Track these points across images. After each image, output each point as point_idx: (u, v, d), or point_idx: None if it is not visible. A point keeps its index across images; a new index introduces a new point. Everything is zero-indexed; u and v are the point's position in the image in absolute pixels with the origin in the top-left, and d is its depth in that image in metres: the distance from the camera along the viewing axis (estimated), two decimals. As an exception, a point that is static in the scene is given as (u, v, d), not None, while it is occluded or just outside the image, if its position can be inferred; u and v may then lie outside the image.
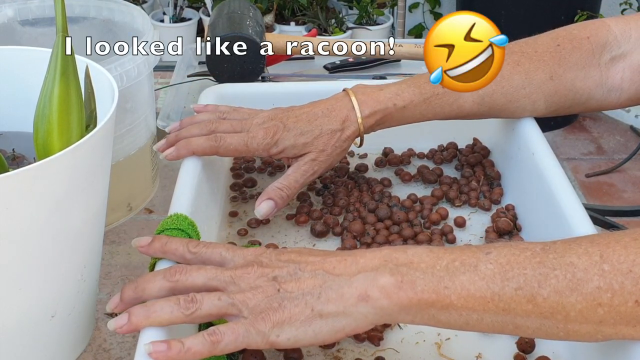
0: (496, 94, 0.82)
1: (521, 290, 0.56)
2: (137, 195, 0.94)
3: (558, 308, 0.56)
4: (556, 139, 2.60)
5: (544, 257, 0.57)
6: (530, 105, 0.84)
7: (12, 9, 0.96)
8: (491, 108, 0.83)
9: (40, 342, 0.66)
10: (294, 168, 0.82)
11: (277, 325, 0.57)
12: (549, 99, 0.84)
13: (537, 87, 0.82)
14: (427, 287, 0.57)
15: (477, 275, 0.57)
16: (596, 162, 2.51)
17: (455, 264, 0.58)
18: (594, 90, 0.84)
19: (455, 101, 0.82)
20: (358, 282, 0.58)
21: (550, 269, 0.56)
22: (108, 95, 0.68)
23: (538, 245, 0.58)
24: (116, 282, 0.82)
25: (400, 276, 0.57)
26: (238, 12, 1.11)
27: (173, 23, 2.94)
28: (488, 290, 0.57)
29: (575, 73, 0.83)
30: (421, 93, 0.82)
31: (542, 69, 0.82)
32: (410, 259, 0.58)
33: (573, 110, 0.86)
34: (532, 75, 0.82)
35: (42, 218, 0.59)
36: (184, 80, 1.20)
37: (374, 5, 3.00)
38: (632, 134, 2.65)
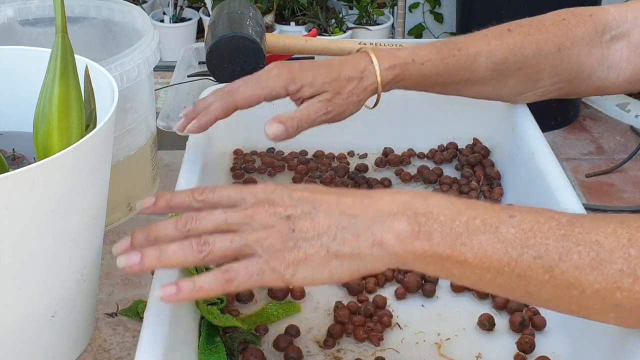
0: (508, 61, 0.82)
1: (540, 259, 0.55)
2: (137, 195, 0.93)
3: (575, 284, 0.55)
4: (556, 139, 2.60)
5: (569, 230, 0.56)
6: (535, 75, 0.85)
7: (12, 9, 0.96)
8: (501, 75, 0.84)
9: (40, 342, 0.66)
10: (308, 104, 0.79)
11: (292, 265, 0.56)
12: (553, 70, 0.85)
13: (545, 57, 0.83)
14: (443, 240, 0.56)
15: (496, 237, 0.56)
16: (596, 162, 2.50)
17: (476, 222, 0.56)
18: (596, 67, 0.85)
19: (470, 64, 0.82)
20: (374, 226, 0.56)
21: (574, 244, 0.55)
22: (108, 95, 0.68)
23: (565, 216, 0.57)
24: (116, 282, 0.82)
25: (417, 226, 0.56)
26: (238, 12, 1.11)
27: (173, 23, 2.94)
28: (506, 254, 0.56)
29: (580, 48, 0.84)
30: (438, 52, 0.82)
31: (552, 40, 0.84)
32: (430, 209, 0.57)
33: (574, 87, 0.87)
34: (541, 46, 0.83)
35: (42, 218, 0.59)
36: (184, 80, 1.20)
37: (374, 5, 3.00)
38: (632, 134, 2.65)
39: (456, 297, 0.76)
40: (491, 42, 0.82)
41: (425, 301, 0.75)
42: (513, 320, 0.71)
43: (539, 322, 0.71)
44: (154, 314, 0.61)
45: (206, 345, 0.68)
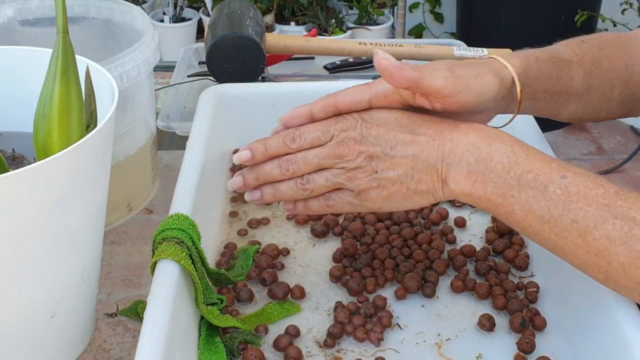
0: (592, 73, 0.80)
1: (577, 223, 0.59)
2: (137, 195, 0.94)
3: (604, 253, 0.59)
4: (556, 139, 2.60)
5: (612, 201, 0.59)
6: (610, 92, 0.82)
7: (12, 9, 0.96)
8: (588, 88, 0.80)
9: (40, 342, 0.66)
10: None
11: (379, 200, 0.67)
12: (623, 89, 0.82)
13: (617, 73, 0.82)
14: (496, 190, 0.63)
15: (542, 195, 0.61)
16: (596, 162, 2.51)
17: (529, 176, 0.62)
18: None
19: (568, 70, 0.77)
20: (442, 167, 0.65)
21: (611, 215, 0.59)
22: (108, 95, 0.68)
23: (613, 187, 0.60)
24: (116, 282, 0.82)
25: (475, 175, 0.64)
26: (238, 12, 1.12)
27: (173, 23, 2.94)
28: (547, 213, 0.61)
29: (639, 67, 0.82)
30: (543, 51, 0.77)
31: (619, 56, 0.82)
32: (491, 156, 0.64)
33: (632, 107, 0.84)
34: (613, 62, 0.82)
35: (42, 218, 0.59)
36: (184, 80, 1.20)
37: (374, 5, 3.00)
38: (632, 134, 2.65)
39: (456, 297, 0.76)
40: (575, 51, 0.79)
41: (425, 301, 0.75)
42: (513, 320, 0.71)
43: (539, 323, 0.71)
44: (154, 314, 0.61)
45: (206, 345, 0.68)
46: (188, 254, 0.68)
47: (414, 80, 0.66)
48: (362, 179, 0.67)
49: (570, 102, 0.79)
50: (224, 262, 0.79)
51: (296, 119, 0.72)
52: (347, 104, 0.70)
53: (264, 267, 0.78)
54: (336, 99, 0.71)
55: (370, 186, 0.67)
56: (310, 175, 0.69)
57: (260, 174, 0.70)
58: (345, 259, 0.79)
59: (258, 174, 0.70)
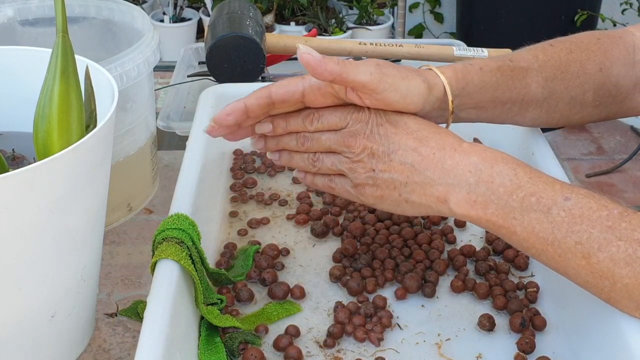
0: (556, 79, 0.79)
1: (580, 245, 0.59)
2: (137, 195, 0.94)
3: (607, 274, 0.59)
4: (556, 139, 2.60)
5: (616, 223, 0.59)
6: (581, 96, 0.81)
7: (12, 9, 0.96)
8: (551, 94, 0.80)
9: (40, 342, 0.66)
10: None
11: (372, 198, 0.69)
12: (597, 92, 0.82)
13: (589, 77, 0.81)
14: (497, 211, 0.63)
15: (546, 218, 0.61)
16: (596, 162, 2.50)
17: (532, 199, 0.62)
18: (631, 90, 0.83)
19: (524, 77, 0.77)
20: (439, 187, 0.65)
21: (615, 237, 0.59)
22: (108, 95, 0.68)
23: (617, 208, 0.60)
24: (116, 282, 0.82)
25: (475, 196, 0.63)
26: (238, 12, 1.12)
27: (173, 23, 2.94)
28: (551, 235, 0.61)
29: (619, 69, 0.82)
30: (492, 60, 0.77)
31: (593, 59, 0.82)
32: (493, 178, 0.63)
33: (610, 110, 0.84)
34: (585, 65, 0.81)
35: (42, 218, 0.59)
36: (184, 80, 1.20)
37: (374, 5, 3.00)
38: (632, 134, 2.64)
39: (456, 297, 0.76)
40: (538, 56, 0.79)
41: (425, 301, 0.75)
42: (513, 320, 0.71)
43: (539, 323, 0.71)
44: (154, 314, 0.61)
45: (206, 345, 0.68)
46: (188, 254, 0.68)
47: (337, 73, 0.66)
48: (360, 174, 0.68)
49: (529, 109, 0.79)
50: (224, 262, 0.79)
51: (232, 115, 0.71)
52: (281, 96, 0.70)
53: (264, 267, 0.78)
54: (270, 91, 0.70)
55: (366, 182, 0.68)
56: (321, 154, 0.71)
57: (280, 142, 0.74)
58: (345, 259, 0.79)
59: (278, 142, 0.74)
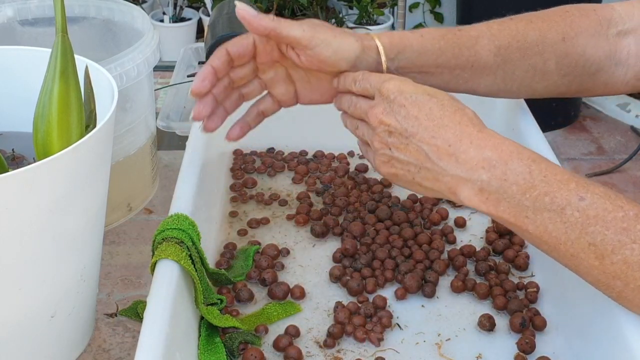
0: (512, 47, 0.80)
1: (594, 247, 0.59)
2: (137, 195, 0.94)
3: (621, 276, 0.58)
4: (556, 139, 2.60)
5: (631, 224, 0.58)
6: (542, 64, 0.82)
7: (12, 9, 0.96)
8: (505, 61, 0.80)
9: (40, 342, 0.66)
10: None
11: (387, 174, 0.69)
12: (561, 61, 0.82)
13: (549, 45, 0.82)
14: (509, 210, 0.62)
15: (559, 218, 0.60)
16: (596, 162, 2.50)
17: (545, 199, 0.61)
18: (603, 62, 0.83)
19: (473, 45, 0.79)
20: (452, 179, 0.64)
21: (630, 240, 0.58)
22: (108, 95, 0.68)
23: (634, 209, 0.59)
24: (116, 282, 0.82)
25: (487, 194, 0.63)
26: (238, 12, 1.11)
27: (173, 23, 2.94)
28: (564, 235, 0.60)
29: (586, 39, 0.82)
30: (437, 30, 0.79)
31: (555, 29, 0.82)
32: (507, 175, 0.62)
33: (583, 83, 0.84)
34: (545, 34, 0.81)
35: (42, 218, 0.59)
36: (184, 80, 1.20)
37: (374, 5, 3.00)
38: (632, 134, 2.65)
39: (456, 297, 0.76)
40: (492, 26, 0.80)
41: (425, 301, 0.75)
42: (513, 320, 0.71)
43: (539, 323, 0.71)
44: (154, 314, 0.61)
45: (206, 346, 0.68)
46: (188, 254, 0.68)
47: (270, 28, 0.71)
48: (377, 148, 0.68)
49: (482, 76, 0.80)
50: (224, 262, 0.79)
51: (206, 79, 0.73)
52: (236, 49, 0.74)
53: (264, 267, 0.78)
54: (226, 48, 0.74)
55: (381, 159, 0.68)
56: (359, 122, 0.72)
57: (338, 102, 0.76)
58: (345, 259, 0.79)
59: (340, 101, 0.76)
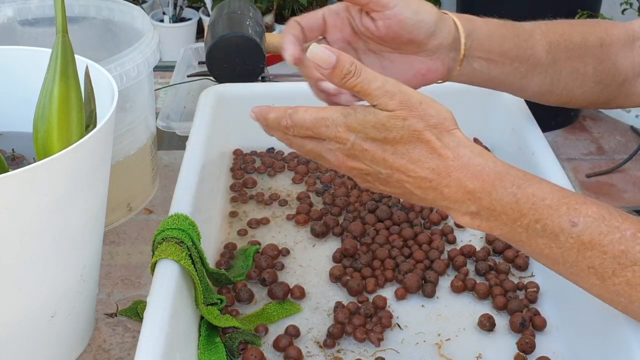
0: (560, 46, 0.80)
1: (593, 269, 0.58)
2: (137, 195, 0.94)
3: (624, 295, 0.57)
4: (556, 139, 2.60)
5: (629, 246, 0.57)
6: (583, 68, 0.82)
7: (12, 9, 0.96)
8: (555, 60, 0.80)
9: (40, 342, 0.66)
10: None
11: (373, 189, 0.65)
12: (597, 67, 0.82)
13: (590, 49, 0.82)
14: (503, 234, 0.61)
15: (554, 243, 0.59)
16: (596, 162, 2.50)
17: (537, 226, 0.59)
18: (629, 73, 0.84)
19: (528, 38, 0.78)
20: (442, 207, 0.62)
21: (630, 262, 0.57)
22: (108, 95, 0.68)
23: (630, 228, 0.57)
24: (116, 282, 0.82)
25: (479, 220, 0.61)
26: (238, 12, 1.12)
27: (173, 23, 2.94)
28: (561, 257, 0.59)
29: (618, 48, 0.83)
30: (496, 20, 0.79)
31: (594, 33, 0.82)
32: (494, 206, 0.60)
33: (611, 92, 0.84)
34: (587, 37, 0.82)
35: (42, 218, 0.59)
36: (184, 80, 1.20)
37: (374, 5, 3.00)
38: (632, 134, 2.65)
39: (456, 297, 0.76)
40: (541, 25, 0.80)
41: (425, 301, 0.75)
42: (513, 320, 0.71)
43: (539, 323, 0.71)
44: (154, 314, 0.61)
45: (206, 345, 0.68)
46: (188, 254, 0.68)
47: None
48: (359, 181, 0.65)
49: (535, 72, 0.79)
50: (224, 262, 0.79)
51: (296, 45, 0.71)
52: (307, 21, 0.72)
53: (264, 267, 0.78)
54: (297, 19, 0.72)
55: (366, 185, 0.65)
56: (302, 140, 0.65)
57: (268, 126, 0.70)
58: (345, 259, 0.79)
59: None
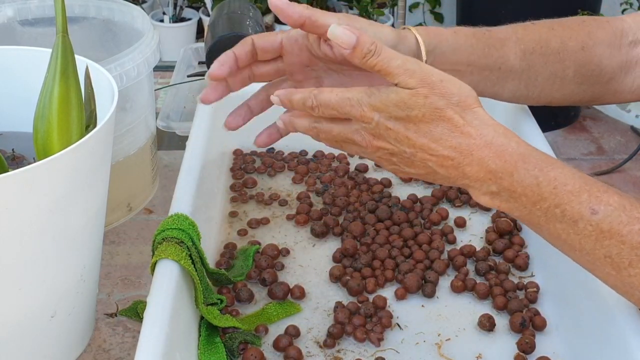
0: (536, 52, 0.81)
1: (610, 259, 0.58)
2: (137, 195, 0.94)
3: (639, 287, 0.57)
4: (556, 139, 2.60)
5: None
6: (562, 72, 0.82)
7: (12, 9, 0.96)
8: (530, 66, 0.81)
9: (40, 342, 0.66)
10: None
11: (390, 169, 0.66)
12: (579, 70, 0.83)
13: (570, 54, 0.82)
14: (521, 216, 0.62)
15: (572, 229, 0.59)
16: (596, 162, 2.50)
17: (556, 211, 0.60)
18: (616, 71, 0.84)
19: (501, 47, 0.79)
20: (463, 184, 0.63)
21: None
22: (108, 95, 0.68)
23: None
24: (116, 282, 0.82)
25: (499, 200, 0.62)
26: (238, 12, 1.11)
27: (173, 23, 2.94)
28: (578, 244, 0.59)
29: (603, 49, 0.83)
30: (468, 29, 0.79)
31: (575, 37, 0.83)
32: (514, 187, 0.61)
33: (596, 91, 0.85)
34: (566, 42, 0.82)
35: (42, 218, 0.59)
36: (184, 80, 1.20)
37: (374, 5, 3.00)
38: (632, 134, 2.65)
39: (456, 297, 0.76)
40: (518, 30, 0.81)
41: (425, 301, 0.75)
42: (513, 320, 0.71)
43: (539, 323, 0.71)
44: (154, 314, 0.61)
45: (206, 345, 0.68)
46: (188, 254, 0.68)
47: (306, 16, 0.68)
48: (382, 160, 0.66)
49: (508, 80, 0.80)
50: (224, 262, 0.79)
51: (225, 64, 0.73)
52: (262, 44, 0.73)
53: (264, 267, 0.78)
54: (253, 40, 0.73)
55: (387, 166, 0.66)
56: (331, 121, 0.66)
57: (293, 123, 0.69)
58: (345, 259, 0.79)
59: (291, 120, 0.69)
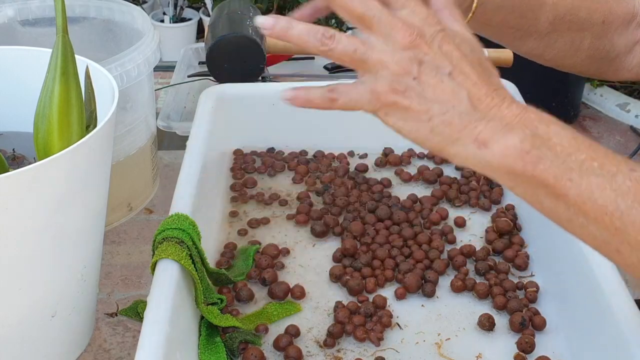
0: (564, 20, 0.80)
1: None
2: (137, 195, 0.94)
3: None
4: (556, 139, 2.60)
5: None
6: (579, 41, 0.82)
7: (12, 9, 0.96)
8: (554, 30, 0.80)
9: (40, 342, 0.66)
10: None
11: (392, 106, 0.55)
12: (594, 42, 0.83)
13: (591, 25, 0.82)
14: (550, 169, 0.53)
15: (609, 184, 0.53)
16: (596, 162, 2.51)
17: (594, 163, 0.53)
18: (622, 50, 0.85)
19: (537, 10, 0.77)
20: (487, 127, 0.54)
21: None
22: (108, 95, 0.68)
23: None
24: (116, 282, 0.82)
25: (529, 146, 0.53)
26: (238, 12, 1.12)
27: (173, 23, 2.94)
28: (612, 204, 0.52)
29: (617, 25, 0.83)
30: None
31: (600, 10, 0.83)
32: (550, 135, 0.54)
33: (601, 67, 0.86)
34: (592, 13, 0.82)
35: (42, 218, 0.59)
36: (184, 80, 1.20)
37: None
38: (632, 134, 2.65)
39: (456, 297, 0.76)
40: None
41: (425, 301, 0.75)
42: (513, 320, 0.71)
43: (539, 322, 0.71)
44: (154, 314, 0.61)
45: (206, 345, 0.68)
46: (188, 253, 0.68)
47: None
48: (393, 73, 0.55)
49: (531, 38, 0.81)
50: (224, 262, 0.79)
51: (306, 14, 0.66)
52: None
53: (264, 267, 0.78)
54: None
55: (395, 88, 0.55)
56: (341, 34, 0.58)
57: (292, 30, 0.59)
58: (345, 258, 0.80)
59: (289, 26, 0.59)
